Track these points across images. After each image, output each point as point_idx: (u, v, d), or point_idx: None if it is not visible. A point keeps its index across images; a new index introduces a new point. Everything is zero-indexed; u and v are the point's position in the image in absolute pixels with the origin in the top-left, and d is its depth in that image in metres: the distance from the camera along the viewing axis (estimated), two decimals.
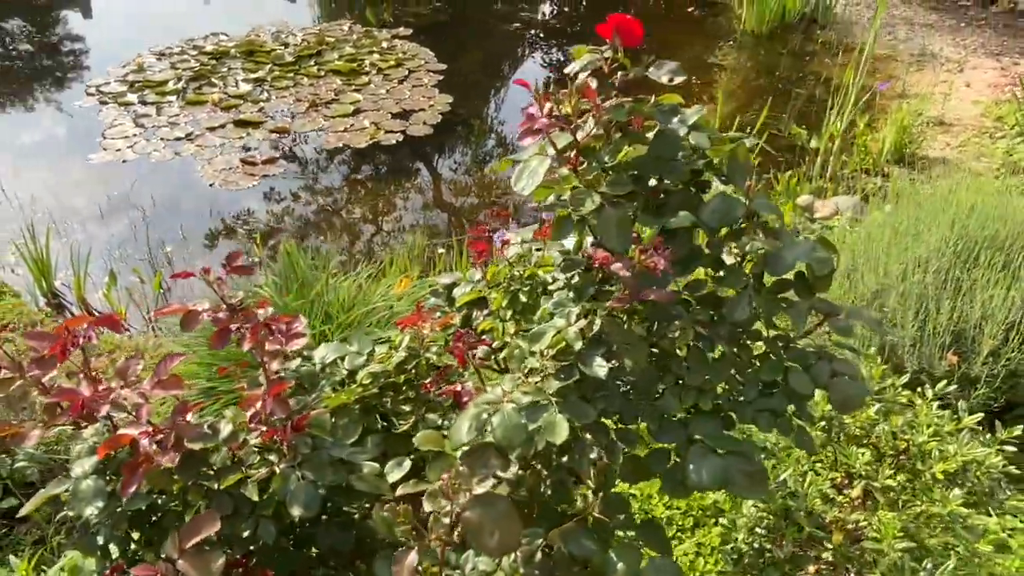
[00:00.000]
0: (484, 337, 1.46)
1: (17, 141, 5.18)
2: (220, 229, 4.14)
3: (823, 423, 1.87)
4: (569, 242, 1.37)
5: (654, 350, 1.34)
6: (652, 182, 1.33)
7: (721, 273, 1.34)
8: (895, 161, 4.57)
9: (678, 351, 1.32)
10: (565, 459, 1.33)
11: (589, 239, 1.34)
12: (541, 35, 7.27)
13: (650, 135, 1.32)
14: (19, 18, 7.25)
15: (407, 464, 1.38)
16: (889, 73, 6.02)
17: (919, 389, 2.10)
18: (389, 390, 1.64)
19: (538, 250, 1.54)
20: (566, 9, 8.22)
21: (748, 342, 1.39)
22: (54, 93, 5.88)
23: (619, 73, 1.29)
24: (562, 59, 6.80)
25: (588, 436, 1.24)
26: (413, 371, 1.62)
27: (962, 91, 5.60)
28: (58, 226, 4.05)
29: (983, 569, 1.96)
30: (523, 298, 1.51)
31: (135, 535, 1.33)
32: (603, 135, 1.32)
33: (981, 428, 2.06)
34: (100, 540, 1.35)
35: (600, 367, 1.19)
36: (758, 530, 1.78)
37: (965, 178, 3.02)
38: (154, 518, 1.34)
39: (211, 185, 4.48)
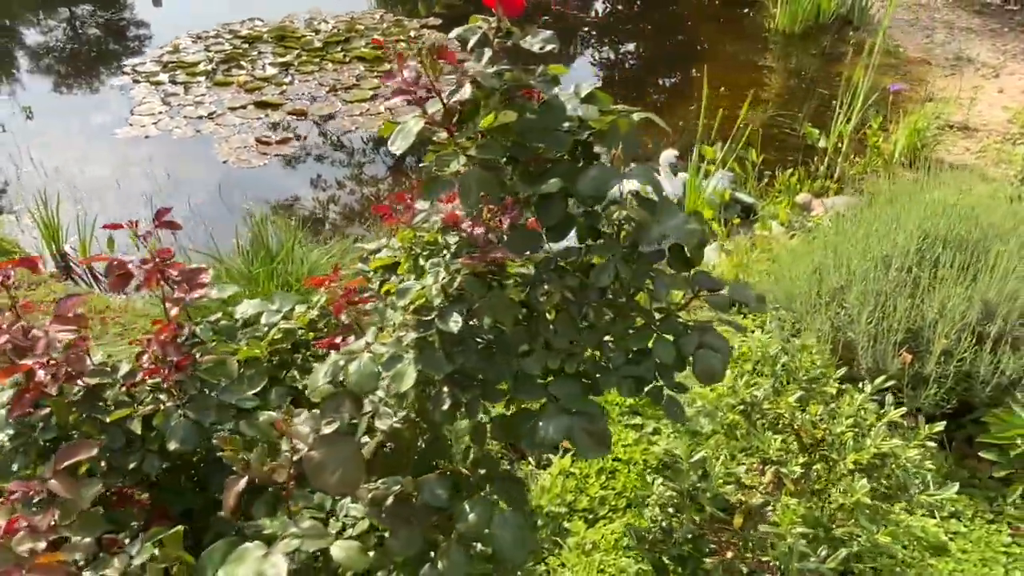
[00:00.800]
0: (366, 295, 1.51)
1: (57, 117, 5.43)
2: (224, 203, 4.28)
3: (742, 406, 1.88)
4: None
5: (533, 312, 1.37)
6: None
7: (600, 241, 1.37)
8: (908, 164, 4.46)
9: (548, 315, 1.36)
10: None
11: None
12: (573, 29, 7.28)
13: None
14: (90, 4, 7.58)
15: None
16: (920, 76, 5.86)
17: (861, 384, 2.08)
18: (302, 347, 1.72)
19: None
20: (604, 4, 8.21)
21: (633, 312, 1.42)
22: (100, 73, 6.14)
23: (496, 41, 1.33)
24: (592, 55, 6.81)
25: (446, 389, 1.28)
26: (324, 329, 1.69)
27: (993, 96, 5.42)
28: (76, 195, 4.26)
29: (912, 570, 1.94)
30: (422, 262, 1.56)
31: None
32: (486, 100, 1.36)
33: (917, 426, 2.04)
34: (15, 467, 1.45)
35: (455, 323, 1.23)
36: (668, 509, 1.80)
37: (932, 179, 2.95)
38: None
39: (224, 162, 4.64)
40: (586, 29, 7.28)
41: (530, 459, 2.44)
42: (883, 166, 4.39)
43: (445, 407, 1.26)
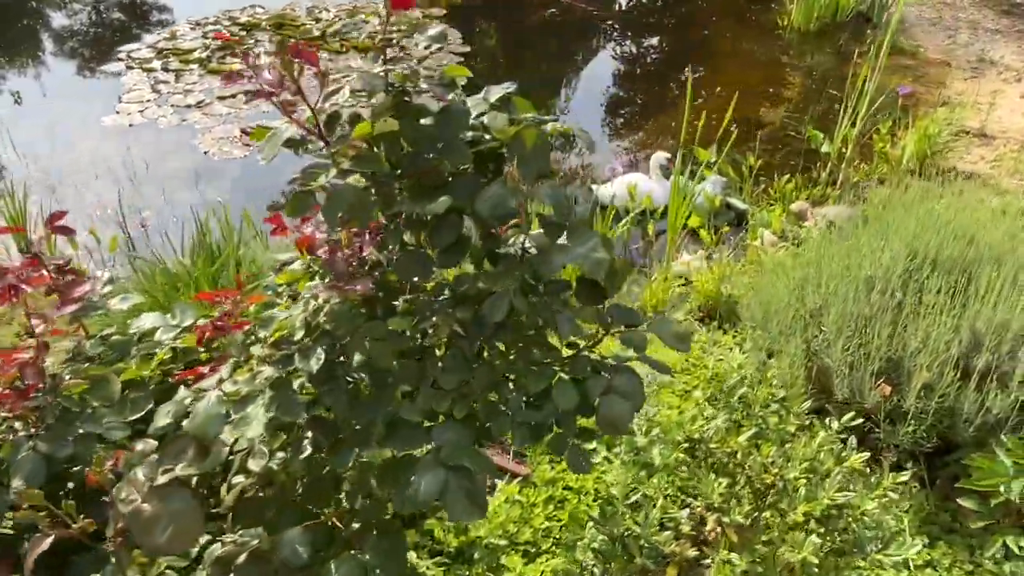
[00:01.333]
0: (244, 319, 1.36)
1: (46, 102, 5.35)
2: (200, 195, 4.16)
3: (686, 444, 1.70)
4: None
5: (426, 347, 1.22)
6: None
7: (500, 268, 1.21)
8: (917, 172, 4.23)
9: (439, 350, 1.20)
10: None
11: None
12: (575, 25, 7.07)
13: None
14: None
15: None
16: (938, 79, 5.59)
17: (827, 420, 1.90)
18: (196, 365, 1.57)
19: None
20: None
21: (538, 350, 1.26)
22: (95, 58, 6.05)
23: (379, 39, 1.17)
24: (594, 50, 6.61)
25: (310, 434, 1.13)
26: (216, 349, 1.54)
27: (1015, 102, 5.15)
28: (51, 184, 4.16)
29: None
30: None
31: None
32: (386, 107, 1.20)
33: (892, 469, 1.86)
34: None
35: (316, 360, 1.07)
36: (593, 555, 1.64)
37: (930, 191, 2.74)
38: None
39: (206, 153, 4.52)
40: (592, 23, 7.07)
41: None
42: (890, 173, 4.16)
43: (304, 455, 1.11)
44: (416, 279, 1.20)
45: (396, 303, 1.25)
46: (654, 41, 6.89)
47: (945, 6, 6.96)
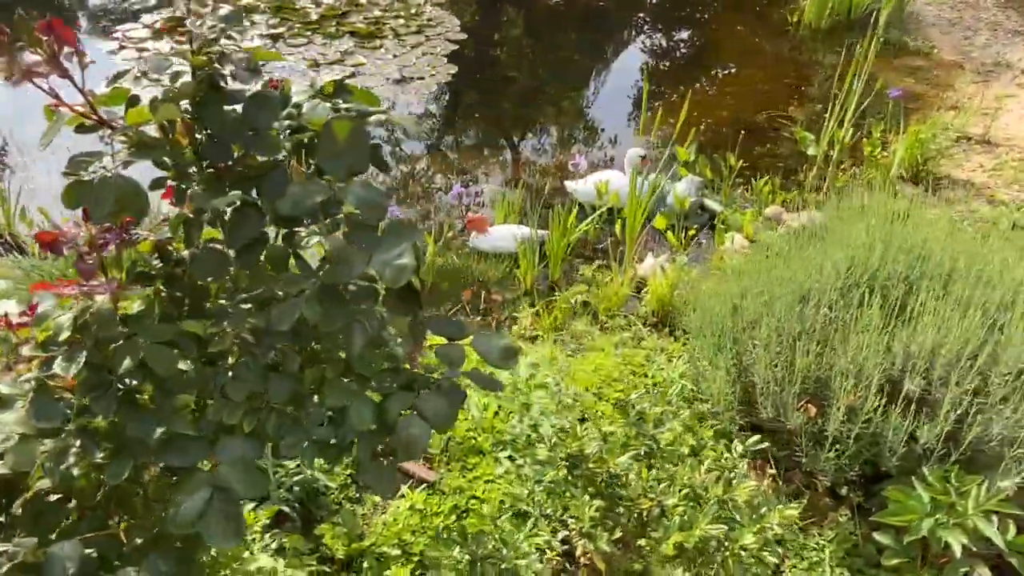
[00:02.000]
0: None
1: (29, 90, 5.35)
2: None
3: (566, 461, 1.60)
4: None
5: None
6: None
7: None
8: (909, 178, 4.04)
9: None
10: None
11: None
12: (580, 14, 6.90)
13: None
14: None
15: None
16: (948, 81, 5.36)
17: (734, 443, 1.78)
18: None
19: None
20: None
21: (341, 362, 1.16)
22: (91, 36, 6.04)
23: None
24: (592, 41, 6.45)
25: (77, 443, 1.05)
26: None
27: None
28: (24, 164, 4.16)
29: None
30: None
31: None
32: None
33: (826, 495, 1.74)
34: None
35: (76, 364, 0.99)
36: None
37: (876, 202, 2.58)
38: None
39: None
40: (597, 13, 6.90)
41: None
42: (879, 179, 3.97)
43: (65, 465, 1.03)
44: (211, 279, 1.11)
45: (208, 304, 1.17)
46: (657, 34, 6.71)
47: (967, 6, 6.68)
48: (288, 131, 1.16)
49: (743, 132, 4.71)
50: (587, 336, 2.96)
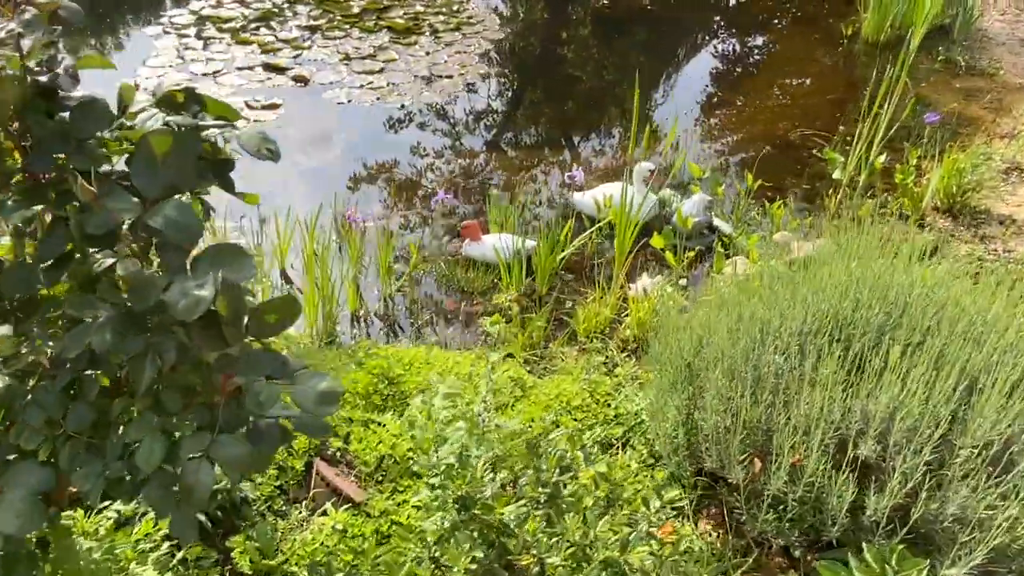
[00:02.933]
0: None
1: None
2: None
3: (457, 503, 1.50)
4: None
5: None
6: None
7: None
8: (944, 210, 3.75)
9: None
10: None
11: None
12: (625, 18, 6.71)
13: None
14: None
15: None
16: (1009, 105, 4.98)
17: (662, 494, 1.65)
18: None
19: None
20: None
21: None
22: (139, 21, 6.19)
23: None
24: (631, 47, 6.26)
25: None
26: None
27: None
28: None
29: None
30: None
31: None
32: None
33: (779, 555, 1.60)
34: None
35: None
36: None
37: (857, 241, 2.36)
38: None
39: None
40: (645, 17, 6.70)
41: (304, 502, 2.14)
42: (911, 210, 3.70)
43: None
44: (17, 294, 1.05)
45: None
46: (700, 41, 6.46)
47: None
48: (125, 142, 1.09)
49: (775, 149, 4.50)
50: (561, 357, 2.84)
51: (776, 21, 6.68)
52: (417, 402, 1.75)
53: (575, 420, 2.43)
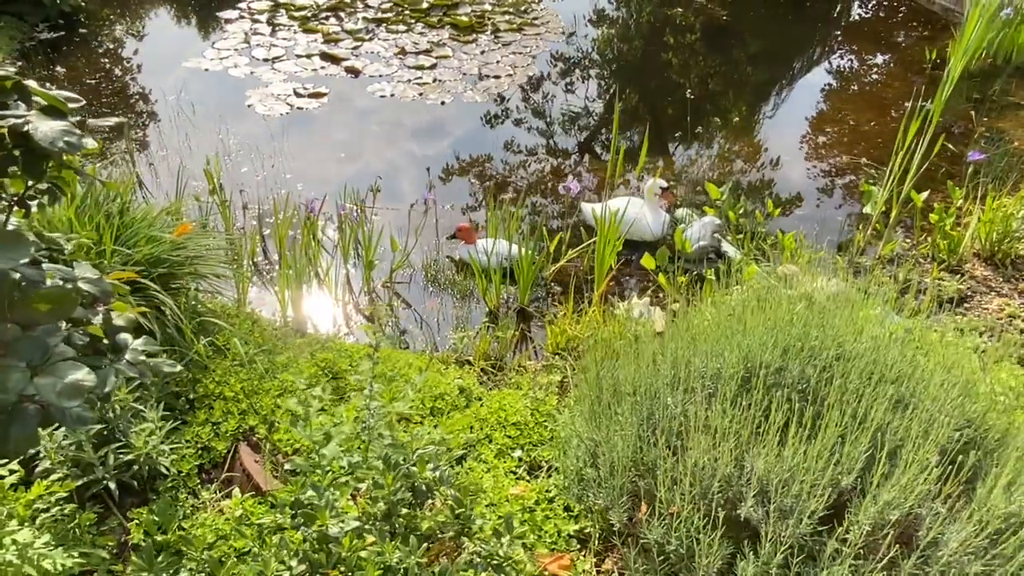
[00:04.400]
0: None
1: (151, 44, 5.84)
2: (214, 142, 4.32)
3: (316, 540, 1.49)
4: None
5: None
6: None
7: None
8: (985, 257, 3.44)
9: None
10: None
11: None
12: (698, 28, 6.49)
13: None
14: None
15: None
16: None
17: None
18: None
19: None
20: (738, 10, 7.26)
21: None
22: (220, 5, 6.50)
23: None
24: (698, 57, 6.04)
25: None
26: None
27: None
28: (92, 113, 4.56)
29: None
30: None
31: None
32: None
33: None
34: None
35: None
36: None
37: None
38: None
39: (249, 106, 4.71)
40: (719, 29, 6.46)
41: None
42: (947, 255, 3.41)
43: None
44: None
45: None
46: (765, 58, 6.16)
47: None
48: None
49: (822, 175, 4.27)
50: (520, 371, 2.78)
51: (858, 42, 6.30)
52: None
53: (508, 437, 2.37)
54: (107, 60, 5.35)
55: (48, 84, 4.85)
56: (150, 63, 5.37)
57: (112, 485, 2.05)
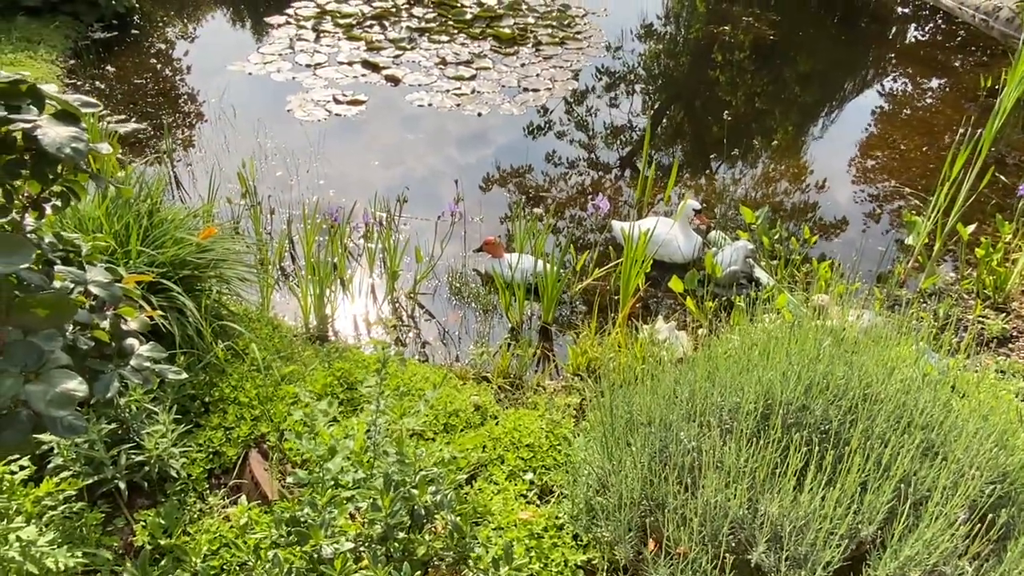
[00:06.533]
0: None
1: (199, 47, 5.95)
2: (251, 145, 4.36)
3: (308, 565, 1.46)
4: None
5: None
6: None
7: None
8: None
9: None
10: None
11: None
12: (742, 47, 6.38)
13: None
14: None
15: None
16: None
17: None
18: None
19: None
20: (792, 20, 7.12)
21: None
22: (267, 10, 6.59)
23: None
24: (737, 76, 5.94)
25: None
26: None
27: None
28: (135, 112, 4.64)
29: None
30: None
31: None
32: None
33: None
34: None
35: None
36: None
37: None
38: None
39: (288, 111, 4.76)
40: (766, 48, 6.34)
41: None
42: (992, 290, 3.27)
43: None
44: None
45: None
46: (817, 79, 6.02)
47: None
48: None
49: (867, 201, 4.15)
50: (539, 391, 2.73)
51: (912, 66, 6.13)
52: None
53: (520, 458, 2.32)
54: (155, 60, 5.46)
55: (96, 82, 4.97)
56: (197, 65, 5.47)
57: (122, 485, 2.06)
